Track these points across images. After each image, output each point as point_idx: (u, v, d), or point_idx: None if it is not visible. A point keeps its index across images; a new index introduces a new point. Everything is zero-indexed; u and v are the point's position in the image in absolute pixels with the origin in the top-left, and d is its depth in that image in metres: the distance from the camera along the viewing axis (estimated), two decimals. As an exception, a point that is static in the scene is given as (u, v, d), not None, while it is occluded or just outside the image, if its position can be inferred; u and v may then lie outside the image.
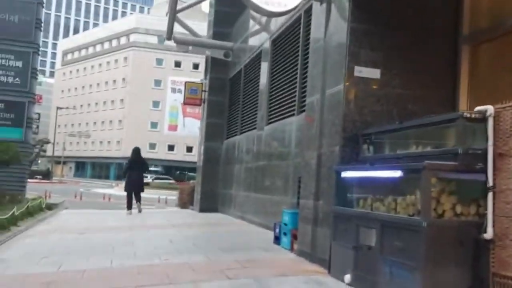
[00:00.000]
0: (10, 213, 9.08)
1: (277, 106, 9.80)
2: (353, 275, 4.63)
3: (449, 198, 3.84)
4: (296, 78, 8.73)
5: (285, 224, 7.09)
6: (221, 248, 7.04)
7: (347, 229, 4.85)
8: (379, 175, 4.40)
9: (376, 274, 4.26)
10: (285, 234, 7.08)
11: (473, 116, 3.87)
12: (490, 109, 3.84)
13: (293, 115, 8.75)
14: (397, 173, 4.08)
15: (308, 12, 8.01)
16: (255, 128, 11.16)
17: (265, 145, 10.26)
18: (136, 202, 12.83)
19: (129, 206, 12.64)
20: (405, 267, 3.89)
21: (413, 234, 3.82)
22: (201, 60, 44.35)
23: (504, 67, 5.44)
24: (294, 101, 8.72)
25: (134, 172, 12.76)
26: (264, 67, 10.84)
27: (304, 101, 8.10)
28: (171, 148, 65.40)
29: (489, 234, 3.73)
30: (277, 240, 7.42)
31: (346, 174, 5.01)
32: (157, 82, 65.78)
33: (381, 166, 4.41)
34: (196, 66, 62.18)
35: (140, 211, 12.83)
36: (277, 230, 7.41)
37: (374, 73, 5.61)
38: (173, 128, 64.89)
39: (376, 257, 4.27)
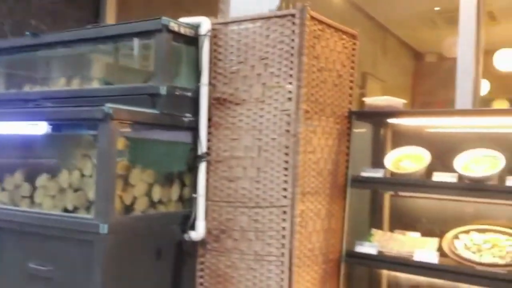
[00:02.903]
0: None
1: None
2: None
3: (143, 175, 2.09)
4: None
5: None
6: None
7: None
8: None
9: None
10: None
11: (182, 30, 2.22)
12: (205, 22, 2.29)
13: None
14: (41, 128, 1.97)
15: None
16: None
17: None
18: None
19: None
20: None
21: (69, 246, 1.88)
22: None
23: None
24: None
25: None
26: None
27: None
28: None
29: (198, 233, 2.23)
30: None
31: None
32: None
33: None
34: None
35: None
36: None
37: None
38: None
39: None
